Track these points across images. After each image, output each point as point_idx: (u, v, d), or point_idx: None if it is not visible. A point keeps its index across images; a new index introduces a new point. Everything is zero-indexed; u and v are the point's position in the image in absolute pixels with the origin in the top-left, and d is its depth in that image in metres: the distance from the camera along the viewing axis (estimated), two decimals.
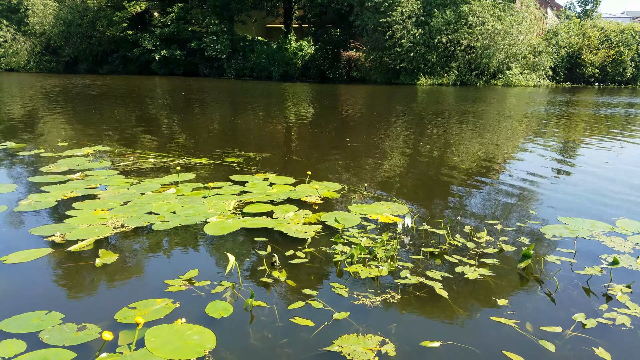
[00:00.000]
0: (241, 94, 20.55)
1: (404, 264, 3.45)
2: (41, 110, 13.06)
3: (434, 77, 27.96)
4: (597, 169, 6.90)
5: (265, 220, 4.33)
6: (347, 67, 32.30)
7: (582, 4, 35.62)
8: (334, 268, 3.42)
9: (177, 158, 6.94)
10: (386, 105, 17.04)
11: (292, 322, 2.71)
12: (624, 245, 3.89)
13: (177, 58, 33.47)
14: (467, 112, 14.43)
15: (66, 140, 8.28)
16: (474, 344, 2.53)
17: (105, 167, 6.32)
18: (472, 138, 9.61)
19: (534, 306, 2.94)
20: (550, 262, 3.58)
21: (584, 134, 10.65)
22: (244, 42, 34.31)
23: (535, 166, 7.10)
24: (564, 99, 20.26)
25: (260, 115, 13.24)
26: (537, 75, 30.59)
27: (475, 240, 3.95)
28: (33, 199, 4.85)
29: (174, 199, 4.89)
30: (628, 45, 32.61)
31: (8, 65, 37.42)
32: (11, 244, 3.79)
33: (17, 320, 2.69)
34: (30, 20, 36.85)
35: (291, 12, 35.17)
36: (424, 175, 6.59)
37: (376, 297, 2.99)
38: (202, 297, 2.97)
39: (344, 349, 2.45)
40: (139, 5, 33.67)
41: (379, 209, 4.70)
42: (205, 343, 2.50)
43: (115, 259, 3.51)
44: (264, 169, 6.36)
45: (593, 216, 4.62)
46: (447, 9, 27.11)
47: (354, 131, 10.70)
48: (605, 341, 2.58)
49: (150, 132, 9.67)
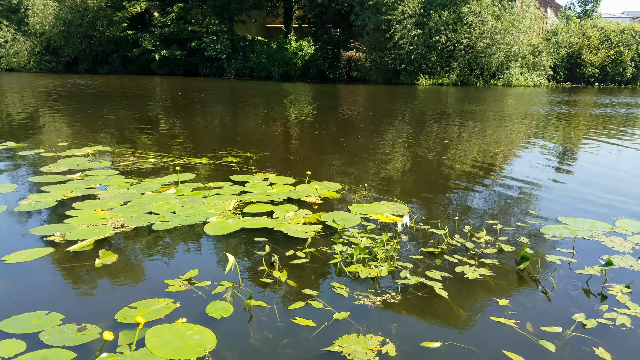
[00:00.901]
0: (241, 94, 20.55)
1: (404, 264, 3.45)
2: (41, 110, 13.06)
3: (434, 77, 27.96)
4: (597, 169, 6.90)
5: (265, 220, 4.33)
6: (347, 67, 32.31)
7: (582, 4, 35.63)
8: (334, 268, 3.42)
9: (177, 158, 6.94)
10: (386, 105, 17.04)
11: (292, 322, 2.71)
12: (623, 245, 3.89)
13: (177, 58, 33.49)
14: (467, 112, 14.44)
15: (66, 140, 8.28)
16: (474, 344, 2.53)
17: (105, 167, 6.32)
18: (472, 138, 9.61)
19: (534, 306, 2.94)
20: (550, 262, 3.58)
21: (583, 134, 10.65)
22: (244, 42, 34.33)
23: (535, 166, 7.10)
24: (564, 99, 20.26)
25: (260, 115, 13.24)
26: (537, 75, 30.61)
27: (475, 240, 3.95)
28: (33, 198, 4.85)
29: (174, 199, 4.89)
30: (628, 45, 32.63)
31: (8, 65, 37.42)
32: (11, 243, 3.78)
33: (17, 320, 2.69)
34: (30, 20, 36.86)
35: (291, 12, 35.19)
36: (424, 175, 6.60)
37: (376, 297, 2.99)
38: (202, 297, 2.97)
39: (345, 349, 2.45)
40: (139, 5, 33.67)
41: (379, 208, 4.70)
42: (206, 343, 2.50)
43: (115, 259, 3.51)
44: (264, 169, 6.36)
45: (593, 216, 4.62)
46: (447, 9, 27.11)
47: (354, 131, 10.70)
48: (605, 341, 2.58)
49: (150, 132, 9.67)
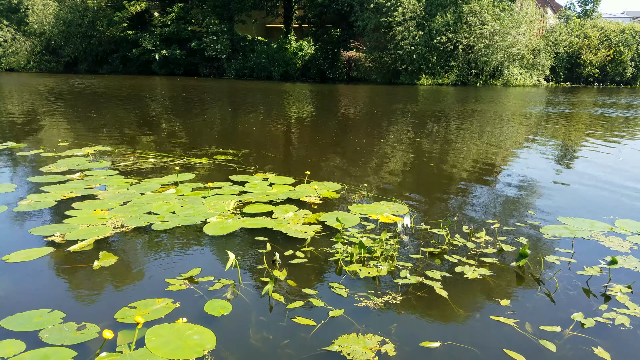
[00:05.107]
0: (241, 94, 20.55)
1: (404, 264, 3.45)
2: (41, 110, 13.06)
3: (434, 77, 27.97)
4: (597, 169, 6.90)
5: (265, 220, 4.33)
6: (347, 67, 32.32)
7: (582, 3, 35.64)
8: (334, 268, 3.42)
9: (177, 158, 6.94)
10: (386, 105, 17.04)
11: (292, 322, 2.71)
12: (622, 245, 3.89)
13: (177, 58, 33.49)
14: (467, 112, 14.44)
15: (66, 140, 8.28)
16: (474, 344, 2.54)
17: (105, 167, 6.32)
18: (472, 138, 9.61)
19: (534, 306, 2.94)
20: (550, 262, 3.58)
21: (583, 134, 10.65)
22: (244, 42, 34.34)
23: (535, 166, 7.10)
24: (564, 99, 20.26)
25: (260, 115, 13.24)
26: (536, 75, 30.63)
27: (474, 240, 3.95)
28: (33, 198, 4.85)
29: (174, 199, 4.89)
30: (628, 45, 32.64)
31: (8, 65, 37.41)
32: (11, 243, 3.79)
33: (19, 318, 2.70)
34: (30, 20, 36.86)
35: (291, 12, 35.18)
36: (423, 175, 6.60)
37: (376, 297, 2.99)
38: (202, 297, 2.98)
39: (344, 349, 2.45)
40: (139, 5, 33.67)
41: (379, 208, 4.70)
42: (205, 343, 2.50)
43: (115, 259, 3.51)
44: (264, 169, 6.36)
45: (592, 216, 4.62)
46: (447, 10, 27.11)
47: (354, 131, 10.71)
48: (604, 341, 2.58)
49: (150, 132, 9.67)
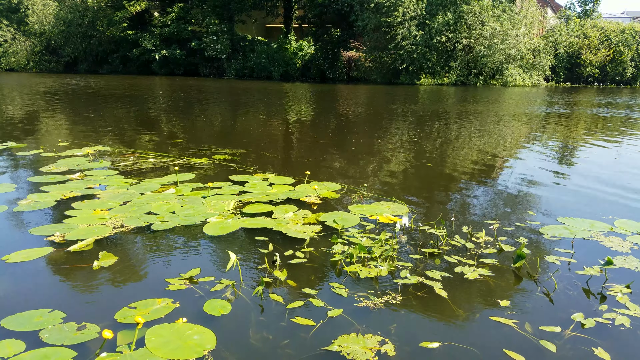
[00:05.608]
0: (241, 94, 20.55)
1: (403, 264, 3.45)
2: (41, 110, 13.06)
3: (434, 77, 27.98)
4: (597, 169, 6.90)
5: (265, 220, 4.33)
6: (347, 67, 32.34)
7: (582, 4, 35.66)
8: (334, 268, 3.42)
9: (177, 158, 6.94)
10: (386, 105, 17.04)
11: (292, 322, 2.71)
12: (622, 245, 3.89)
13: (177, 58, 33.51)
14: (466, 112, 14.44)
15: (66, 140, 8.28)
16: (474, 344, 2.54)
17: (105, 167, 6.32)
18: (472, 138, 9.62)
19: (534, 306, 2.94)
20: (550, 262, 3.58)
21: (583, 135, 10.65)
22: (244, 42, 34.36)
23: (535, 166, 7.10)
24: (564, 99, 20.26)
25: (260, 115, 13.24)
26: (536, 75, 30.63)
27: (474, 240, 3.95)
28: (33, 198, 4.85)
29: (174, 199, 4.89)
30: (628, 45, 32.65)
31: (8, 65, 37.43)
32: (11, 243, 3.79)
33: (19, 317, 2.70)
34: (30, 20, 36.87)
35: (291, 12, 35.20)
36: (423, 175, 6.60)
37: (376, 297, 2.99)
38: (202, 297, 2.98)
39: (344, 349, 2.46)
40: (139, 5, 33.68)
41: (379, 209, 4.70)
42: (205, 343, 2.50)
43: (115, 259, 3.51)
44: (264, 169, 6.36)
45: (592, 216, 4.62)
46: (447, 10, 27.13)
47: (354, 131, 10.71)
48: (604, 341, 2.58)
49: (150, 132, 9.67)
